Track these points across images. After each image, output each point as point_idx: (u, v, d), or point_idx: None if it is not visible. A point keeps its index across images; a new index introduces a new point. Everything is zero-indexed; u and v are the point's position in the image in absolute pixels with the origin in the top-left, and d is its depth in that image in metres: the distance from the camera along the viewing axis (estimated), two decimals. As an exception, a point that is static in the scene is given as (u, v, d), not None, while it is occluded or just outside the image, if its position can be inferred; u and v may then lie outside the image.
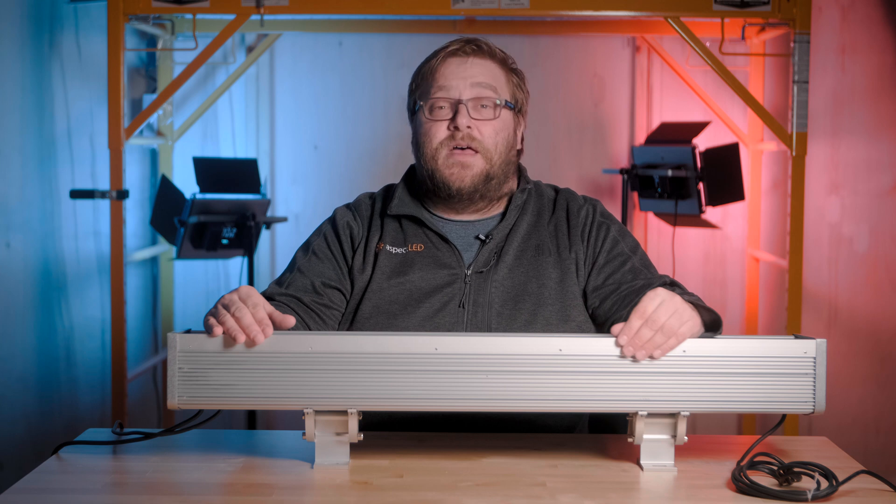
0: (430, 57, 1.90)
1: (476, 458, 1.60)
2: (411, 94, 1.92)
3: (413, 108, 1.91)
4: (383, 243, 1.86)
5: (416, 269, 1.83)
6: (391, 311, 1.80)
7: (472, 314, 1.79)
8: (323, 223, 1.94)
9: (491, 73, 1.86)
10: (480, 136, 1.83)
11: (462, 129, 1.81)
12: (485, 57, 1.86)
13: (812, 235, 3.96)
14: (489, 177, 1.84)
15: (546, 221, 1.89)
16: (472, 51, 1.85)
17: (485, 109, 1.83)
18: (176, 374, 1.51)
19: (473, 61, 1.85)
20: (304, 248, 1.91)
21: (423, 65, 1.90)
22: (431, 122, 1.84)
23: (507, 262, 1.83)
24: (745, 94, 3.26)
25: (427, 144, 1.85)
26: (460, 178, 1.83)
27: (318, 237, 1.91)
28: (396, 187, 1.94)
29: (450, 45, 1.87)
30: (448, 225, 1.89)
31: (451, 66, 1.85)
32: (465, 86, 1.83)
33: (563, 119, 4.14)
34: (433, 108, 1.84)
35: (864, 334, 3.98)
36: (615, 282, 1.82)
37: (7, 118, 3.14)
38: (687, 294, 1.70)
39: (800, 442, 1.73)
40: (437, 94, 1.84)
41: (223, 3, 3.18)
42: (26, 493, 1.44)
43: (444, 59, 1.85)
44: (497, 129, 1.84)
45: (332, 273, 1.85)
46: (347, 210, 1.94)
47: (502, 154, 1.85)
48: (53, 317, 3.42)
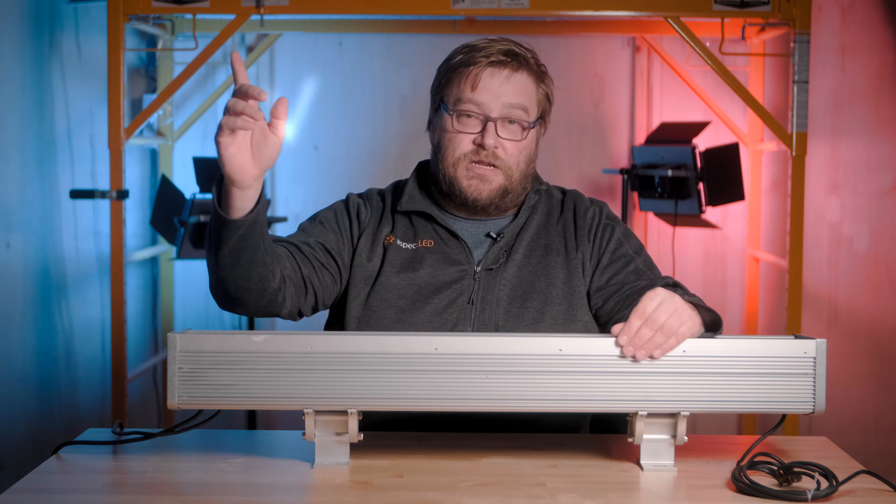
0: (466, 57, 1.83)
1: (476, 458, 1.60)
2: (439, 87, 1.87)
3: (438, 103, 1.87)
4: (394, 237, 1.86)
5: (425, 264, 1.83)
6: (400, 305, 1.80)
7: (481, 311, 1.79)
8: (335, 203, 1.93)
9: (525, 92, 1.82)
10: (505, 155, 1.81)
11: (488, 148, 1.80)
12: (523, 72, 1.82)
13: (812, 235, 3.96)
14: (507, 191, 1.83)
15: (555, 222, 1.90)
16: (513, 67, 1.81)
17: (513, 127, 1.81)
18: (176, 374, 1.51)
19: (512, 77, 1.81)
20: (310, 219, 1.90)
21: (458, 63, 1.84)
22: (457, 133, 1.82)
23: (517, 260, 1.83)
24: (745, 94, 3.26)
25: (450, 153, 1.82)
26: (478, 191, 1.82)
27: (327, 211, 1.91)
28: (406, 183, 1.93)
29: (490, 50, 1.81)
30: (459, 222, 1.88)
31: (489, 78, 1.80)
32: (498, 104, 1.80)
33: (563, 119, 4.14)
34: (461, 118, 1.81)
35: (864, 334, 3.98)
36: (618, 282, 1.83)
37: (7, 118, 3.14)
38: (688, 295, 1.70)
39: (800, 442, 1.74)
40: (468, 107, 1.80)
41: (223, 3, 3.18)
42: (26, 493, 1.44)
43: (484, 68, 1.80)
44: (521, 148, 1.83)
45: (334, 240, 1.84)
46: (359, 197, 1.94)
47: (522, 171, 1.84)
48: (53, 317, 3.42)
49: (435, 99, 1.88)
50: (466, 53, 1.84)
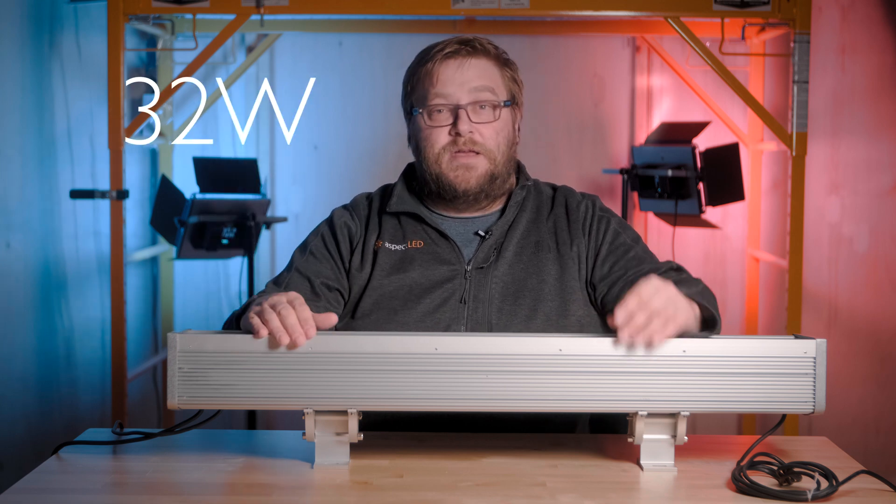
0: (422, 58, 1.88)
1: (476, 458, 1.60)
2: (406, 96, 1.91)
3: (409, 111, 1.90)
4: (382, 241, 1.86)
5: (415, 265, 1.83)
6: (391, 306, 1.80)
7: (473, 310, 1.79)
8: (320, 224, 1.94)
9: (488, 74, 1.85)
10: (482, 139, 1.83)
11: (464, 135, 1.81)
12: (480, 56, 1.85)
13: (812, 235, 3.96)
14: (493, 176, 1.85)
15: (545, 218, 1.89)
16: (467, 52, 1.84)
17: (484, 111, 1.83)
18: (176, 374, 1.51)
19: (470, 63, 1.84)
20: (301, 249, 1.90)
21: (416, 66, 1.89)
22: (431, 129, 1.84)
23: (507, 257, 1.83)
24: (745, 94, 3.26)
25: (429, 150, 1.85)
26: (466, 180, 1.83)
27: (315, 237, 1.91)
28: (394, 186, 1.94)
29: (444, 46, 1.86)
30: (447, 221, 1.89)
31: (448, 69, 1.83)
32: (464, 91, 1.82)
33: (563, 119, 4.14)
34: (432, 114, 1.84)
35: (864, 334, 3.98)
36: (622, 268, 1.83)
37: (7, 118, 3.14)
38: (692, 281, 1.71)
39: (800, 442, 1.73)
40: (436, 101, 1.83)
41: (223, 3, 3.18)
42: (26, 493, 1.44)
43: (440, 61, 1.84)
44: (498, 129, 1.84)
45: (330, 273, 1.85)
46: (345, 210, 1.94)
47: (504, 153, 1.86)
48: (53, 317, 3.42)
49: (406, 108, 1.92)
50: (421, 56, 1.89)
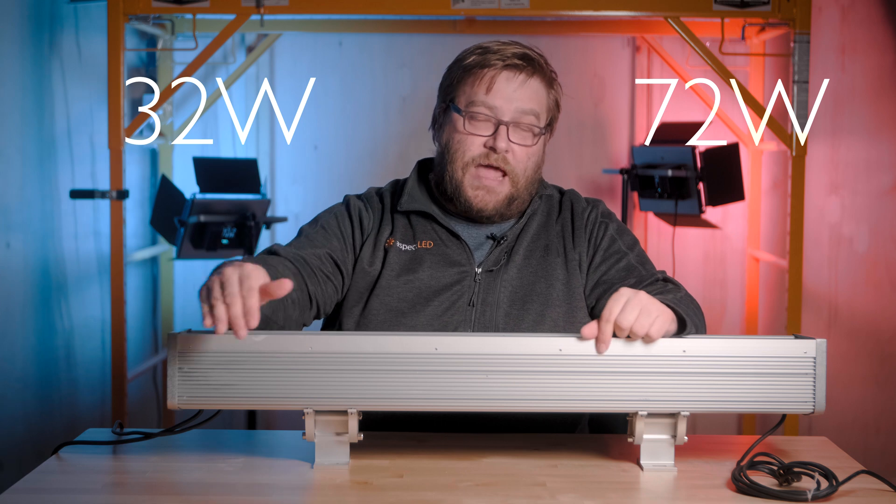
0: (482, 58, 1.81)
1: (476, 458, 1.60)
2: (451, 85, 1.84)
3: (448, 102, 1.85)
4: (394, 239, 1.85)
5: (425, 266, 1.81)
6: (400, 309, 1.79)
7: (481, 313, 1.79)
8: (334, 206, 1.91)
9: (537, 97, 1.82)
10: (514, 161, 1.80)
11: (500, 152, 1.79)
12: (537, 77, 1.82)
13: (812, 235, 3.96)
14: (513, 199, 1.83)
15: (554, 222, 1.89)
16: (529, 72, 1.80)
17: (524, 133, 1.81)
18: (176, 374, 1.51)
19: (527, 82, 1.80)
20: (311, 223, 1.87)
21: (472, 64, 1.82)
22: (468, 135, 1.80)
23: (517, 261, 1.83)
24: (745, 94, 3.26)
25: (460, 155, 1.81)
26: (484, 203, 1.81)
27: (328, 215, 1.87)
28: (405, 182, 1.92)
29: (506, 53, 1.80)
30: (460, 222, 1.87)
31: (505, 83, 1.79)
32: (512, 108, 1.79)
33: (563, 119, 4.06)
34: (473, 119, 1.80)
35: (864, 334, 3.98)
36: (609, 280, 1.82)
37: (7, 118, 3.14)
38: (672, 294, 1.68)
39: (800, 442, 1.74)
40: (481, 109, 1.79)
41: (223, 3, 3.18)
42: (26, 493, 1.44)
43: (500, 70, 1.79)
44: (530, 154, 1.82)
45: (339, 248, 1.81)
46: (359, 200, 1.91)
47: (529, 178, 1.83)
48: (53, 317, 3.42)
49: (445, 98, 1.86)
50: (480, 55, 1.82)
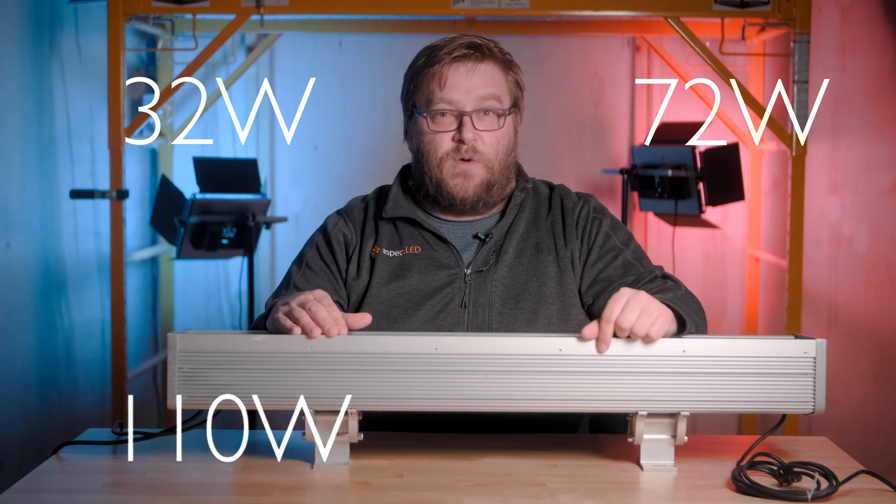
0: (430, 58, 1.84)
1: (476, 458, 1.60)
2: (409, 93, 1.88)
3: (411, 109, 1.87)
4: (379, 247, 1.85)
5: (413, 271, 1.81)
6: (392, 315, 1.78)
7: (473, 314, 1.78)
8: (314, 233, 1.92)
9: (494, 80, 1.82)
10: (483, 147, 1.81)
11: (468, 143, 1.79)
12: (488, 61, 1.82)
13: (812, 235, 3.96)
14: (490, 184, 1.82)
15: (543, 218, 1.88)
16: (476, 58, 1.81)
17: (488, 119, 1.81)
18: (176, 374, 1.51)
19: (477, 68, 1.81)
20: (297, 262, 1.88)
21: (423, 65, 1.85)
22: (435, 133, 1.81)
23: (507, 260, 1.82)
24: (745, 94, 3.26)
25: (431, 154, 1.82)
26: (464, 189, 1.81)
27: (310, 249, 1.88)
28: (390, 189, 1.92)
29: (452, 48, 1.82)
30: (445, 225, 1.87)
31: (456, 74, 1.80)
32: (470, 98, 1.80)
33: (563, 119, 4.14)
34: (436, 118, 1.81)
35: (864, 334, 3.98)
36: (606, 278, 1.82)
37: (7, 118, 3.14)
38: (672, 293, 1.69)
39: (800, 442, 1.73)
40: (441, 106, 1.80)
41: (223, 3, 3.18)
42: (26, 493, 1.44)
43: (448, 65, 1.81)
44: (499, 137, 1.82)
45: (328, 285, 1.82)
46: (339, 217, 1.91)
47: (502, 161, 1.83)
48: (53, 317, 3.42)
49: (407, 106, 1.89)
50: (429, 55, 1.85)
